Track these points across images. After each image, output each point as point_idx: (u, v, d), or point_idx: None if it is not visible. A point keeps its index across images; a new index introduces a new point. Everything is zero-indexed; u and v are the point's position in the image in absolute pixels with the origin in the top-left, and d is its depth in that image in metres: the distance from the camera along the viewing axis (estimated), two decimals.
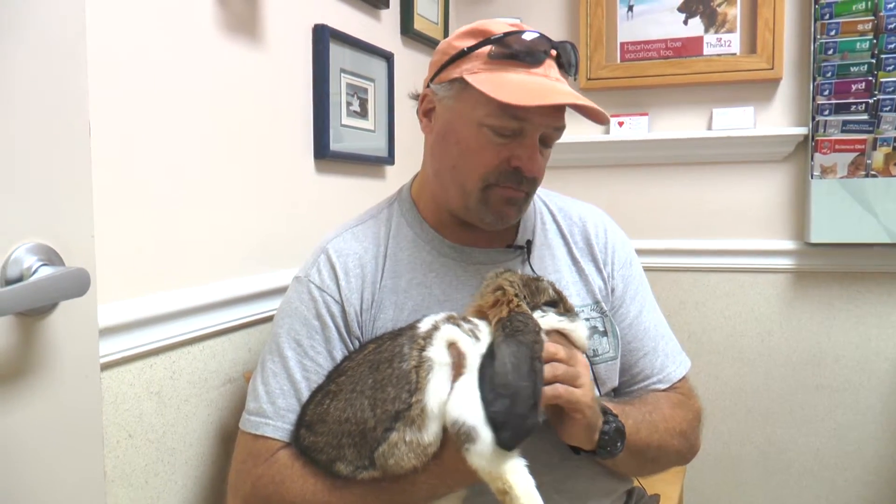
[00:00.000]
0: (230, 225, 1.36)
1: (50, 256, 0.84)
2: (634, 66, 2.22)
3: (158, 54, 1.18)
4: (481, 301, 1.06)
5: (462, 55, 1.12)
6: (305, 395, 1.11)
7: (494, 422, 0.92)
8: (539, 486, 0.96)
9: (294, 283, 1.21)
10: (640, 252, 2.21)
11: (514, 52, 1.09)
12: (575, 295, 1.22)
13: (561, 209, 1.32)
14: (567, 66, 1.15)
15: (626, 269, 1.29)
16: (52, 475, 0.85)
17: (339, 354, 1.14)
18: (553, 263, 1.24)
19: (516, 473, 0.95)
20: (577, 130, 2.30)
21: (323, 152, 1.63)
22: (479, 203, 1.13)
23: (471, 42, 1.12)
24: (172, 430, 1.20)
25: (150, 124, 1.17)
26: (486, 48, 1.10)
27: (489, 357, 0.97)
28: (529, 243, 1.23)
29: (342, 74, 1.69)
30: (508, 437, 0.92)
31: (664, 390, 1.25)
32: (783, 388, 2.19)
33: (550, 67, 1.12)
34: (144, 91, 1.16)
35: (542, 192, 1.34)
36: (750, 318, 2.20)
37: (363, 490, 1.02)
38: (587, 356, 1.18)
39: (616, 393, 1.26)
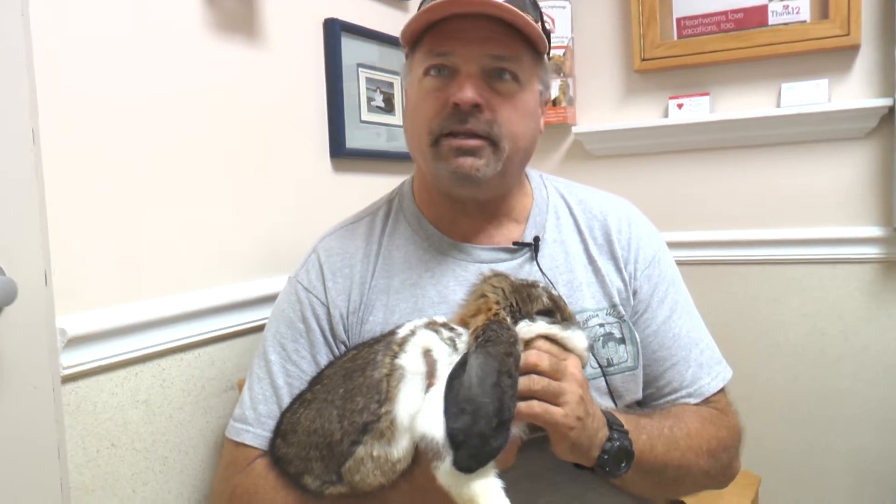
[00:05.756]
0: (230, 227, 1.33)
1: None
2: (692, 42, 2.04)
3: (141, 57, 1.16)
4: (465, 310, 0.97)
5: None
6: (287, 401, 1.06)
7: (453, 440, 0.83)
8: None
9: (286, 283, 1.17)
10: (704, 244, 2.07)
11: None
12: (589, 297, 1.11)
13: (581, 202, 1.20)
14: None
15: (651, 269, 1.15)
16: None
17: (323, 360, 1.09)
18: (566, 262, 1.13)
19: (490, 496, 0.85)
20: (631, 116, 2.16)
21: (339, 150, 1.57)
22: (434, 162, 1.05)
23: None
24: (164, 439, 1.17)
25: (138, 128, 1.16)
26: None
27: (460, 368, 0.88)
28: (538, 240, 1.13)
29: (360, 69, 1.64)
30: (465, 457, 0.83)
31: (695, 405, 1.11)
32: (873, 392, 1.95)
33: None
34: (126, 93, 1.14)
35: (560, 183, 1.23)
36: (832, 314, 1.97)
37: None
38: (600, 367, 1.07)
39: (640, 406, 1.14)
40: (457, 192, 1.09)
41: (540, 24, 1.09)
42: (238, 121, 1.35)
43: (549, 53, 1.12)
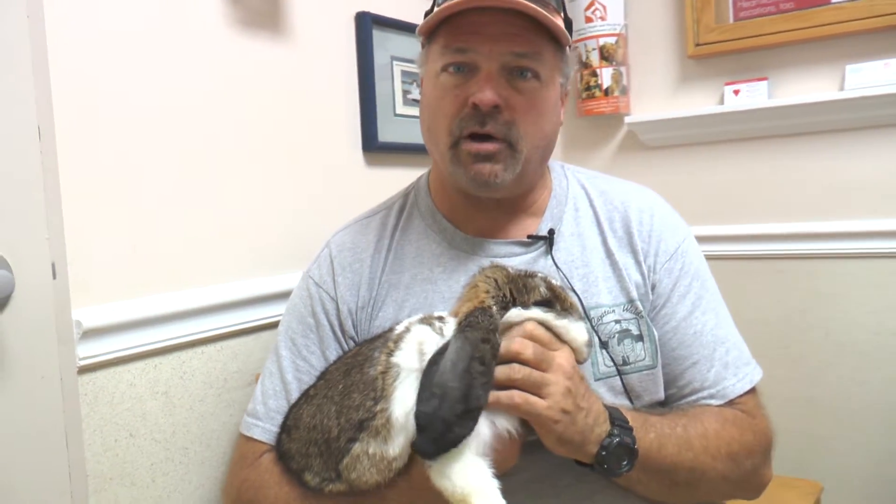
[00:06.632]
0: (258, 222, 1.35)
1: None
2: (749, 24, 1.93)
3: (163, 53, 1.19)
4: (458, 301, 0.95)
5: (427, 16, 1.06)
6: (295, 396, 1.06)
7: (417, 423, 0.82)
8: None
9: (300, 278, 1.17)
10: (763, 238, 1.96)
11: None
12: (605, 292, 1.06)
13: (603, 193, 1.15)
14: None
15: (673, 262, 1.09)
16: (1, 478, 0.86)
17: (332, 355, 1.09)
18: (582, 256, 1.09)
19: (483, 497, 0.83)
20: (685, 104, 2.07)
21: (371, 144, 1.57)
22: (452, 164, 1.03)
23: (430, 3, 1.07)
24: (184, 430, 1.19)
25: (161, 124, 1.19)
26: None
27: (440, 353, 0.86)
28: (552, 233, 1.09)
29: (394, 62, 1.62)
30: (425, 442, 0.81)
31: (718, 406, 1.05)
32: None
33: None
34: (148, 89, 1.17)
35: (582, 174, 1.19)
36: None
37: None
38: (615, 365, 1.03)
39: (663, 408, 1.08)
40: (474, 193, 1.07)
41: (562, 13, 1.05)
42: (265, 116, 1.36)
43: (570, 45, 1.08)
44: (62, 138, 1.02)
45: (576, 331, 0.92)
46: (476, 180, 1.02)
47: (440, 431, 0.80)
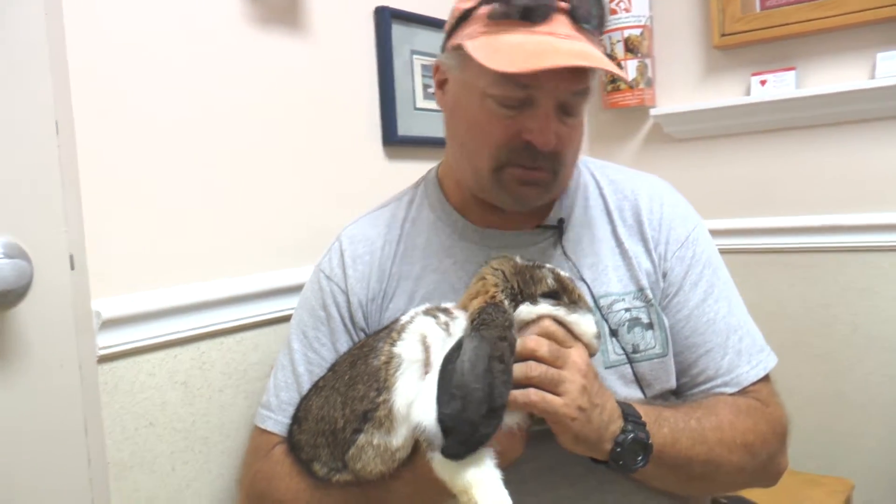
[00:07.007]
0: (278, 214, 1.38)
1: (11, 252, 0.88)
2: (777, 13, 1.90)
3: (183, 48, 1.22)
4: (466, 293, 0.95)
5: (465, 18, 1.00)
6: (306, 388, 1.08)
7: (442, 426, 0.82)
8: (559, 501, 0.90)
9: (312, 272, 1.18)
10: (792, 231, 1.93)
11: (513, 9, 0.95)
12: (615, 281, 1.06)
13: (612, 182, 1.15)
14: (585, 18, 0.97)
15: (684, 250, 1.09)
16: (21, 464, 0.89)
17: (343, 347, 1.10)
18: (592, 245, 1.09)
19: (485, 486, 0.83)
20: (711, 95, 2.04)
21: (391, 138, 1.58)
22: (493, 184, 1.02)
23: (472, 2, 1.00)
24: (204, 420, 1.22)
25: (181, 119, 1.21)
26: (486, 8, 0.97)
27: (455, 352, 0.86)
28: (562, 222, 1.09)
29: (414, 56, 1.63)
30: (453, 444, 0.81)
31: (733, 395, 1.04)
32: None
33: (559, 23, 0.95)
34: (168, 86, 1.20)
35: (593, 163, 1.19)
36: None
37: (340, 494, 0.97)
38: (626, 353, 1.02)
39: (677, 396, 1.08)
40: (510, 210, 1.07)
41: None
42: (285, 110, 1.39)
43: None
44: (82, 133, 1.05)
45: (586, 324, 0.92)
46: (521, 203, 1.03)
47: (467, 433, 0.80)
